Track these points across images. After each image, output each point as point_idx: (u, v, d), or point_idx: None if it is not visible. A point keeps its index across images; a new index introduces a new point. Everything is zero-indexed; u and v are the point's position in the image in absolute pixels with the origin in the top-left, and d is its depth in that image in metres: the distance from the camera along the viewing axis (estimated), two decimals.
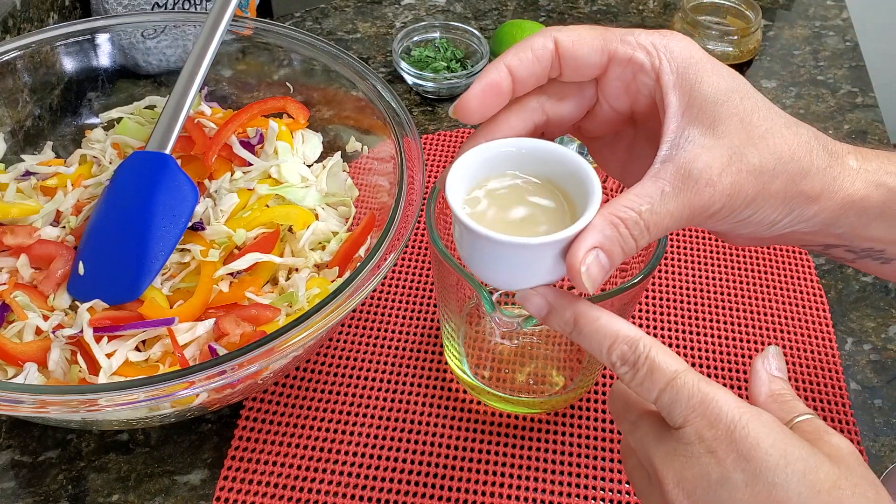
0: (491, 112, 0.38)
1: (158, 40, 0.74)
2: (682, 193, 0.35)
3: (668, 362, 0.34)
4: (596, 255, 0.34)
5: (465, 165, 0.37)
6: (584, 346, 0.36)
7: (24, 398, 0.41)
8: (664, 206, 0.35)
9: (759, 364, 0.40)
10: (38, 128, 0.66)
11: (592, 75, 0.38)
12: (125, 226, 0.54)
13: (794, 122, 0.38)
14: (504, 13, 0.92)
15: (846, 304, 0.63)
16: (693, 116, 0.36)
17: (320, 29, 0.88)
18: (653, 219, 0.35)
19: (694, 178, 0.35)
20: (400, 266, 0.64)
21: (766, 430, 0.33)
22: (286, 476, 0.51)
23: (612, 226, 0.34)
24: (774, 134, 0.36)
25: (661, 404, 0.34)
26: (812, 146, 0.37)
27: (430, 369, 0.57)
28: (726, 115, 0.36)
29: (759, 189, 0.36)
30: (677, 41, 0.37)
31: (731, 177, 0.35)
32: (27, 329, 0.51)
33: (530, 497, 0.50)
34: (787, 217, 0.38)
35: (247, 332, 0.51)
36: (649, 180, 0.35)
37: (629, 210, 0.34)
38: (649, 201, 0.35)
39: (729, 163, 0.35)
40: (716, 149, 0.35)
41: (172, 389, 0.41)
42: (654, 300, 0.62)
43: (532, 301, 0.37)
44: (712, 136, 0.35)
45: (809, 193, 0.37)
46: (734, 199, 0.36)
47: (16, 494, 0.50)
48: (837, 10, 0.94)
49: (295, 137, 0.64)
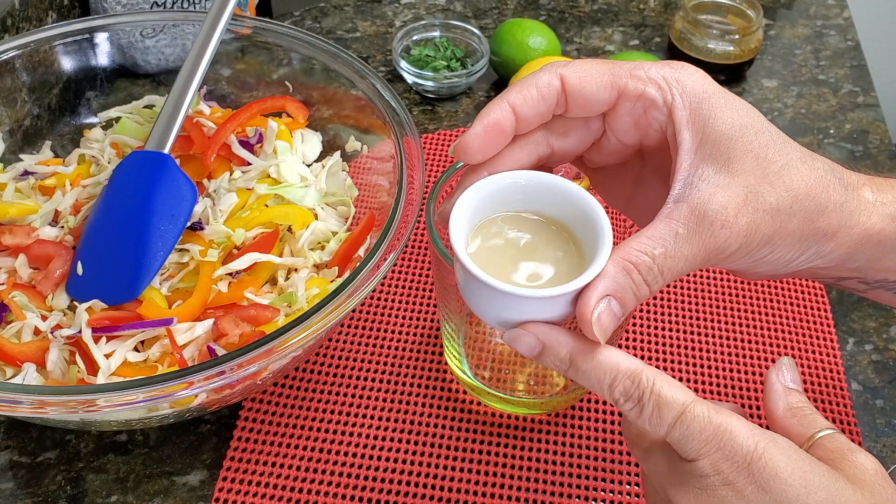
0: (493, 152, 0.37)
1: (157, 39, 0.74)
2: (697, 236, 0.34)
3: (674, 395, 0.33)
4: (608, 303, 0.33)
5: (469, 201, 0.36)
6: (584, 384, 0.35)
7: (22, 399, 0.41)
8: (679, 250, 0.34)
9: (774, 376, 0.38)
10: (37, 127, 0.65)
11: (600, 111, 0.37)
12: (124, 226, 0.54)
13: (810, 154, 0.37)
14: (504, 12, 0.92)
15: (847, 305, 0.63)
16: (707, 154, 0.35)
17: (320, 28, 0.88)
18: (667, 263, 0.33)
19: (709, 219, 0.34)
20: (400, 266, 0.64)
21: (785, 457, 0.32)
22: (285, 477, 0.51)
23: (625, 272, 0.33)
24: (791, 170, 0.35)
25: (672, 439, 0.33)
26: (829, 181, 0.36)
27: (430, 369, 0.57)
28: (741, 151, 0.34)
29: (775, 228, 0.35)
30: (689, 74, 0.36)
31: (747, 217, 0.34)
32: (25, 329, 0.51)
33: (530, 498, 0.50)
34: (803, 255, 0.37)
35: (246, 333, 0.51)
36: (662, 222, 0.34)
37: (642, 255, 0.33)
38: (663, 244, 0.33)
39: (745, 202, 0.34)
40: (731, 188, 0.34)
41: (171, 390, 0.41)
42: (654, 301, 0.62)
43: (522, 341, 0.34)
44: (727, 175, 0.34)
45: (826, 230, 0.36)
46: (751, 240, 0.35)
47: (14, 495, 0.50)
48: (839, 10, 0.94)
49: (294, 137, 0.64)
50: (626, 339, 0.59)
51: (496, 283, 0.33)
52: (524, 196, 0.37)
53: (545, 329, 0.34)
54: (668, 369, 0.57)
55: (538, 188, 0.36)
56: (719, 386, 0.56)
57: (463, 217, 0.35)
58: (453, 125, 0.77)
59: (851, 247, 0.37)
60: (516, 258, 0.36)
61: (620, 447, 0.53)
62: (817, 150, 0.76)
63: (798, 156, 0.36)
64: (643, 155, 0.40)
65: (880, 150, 0.76)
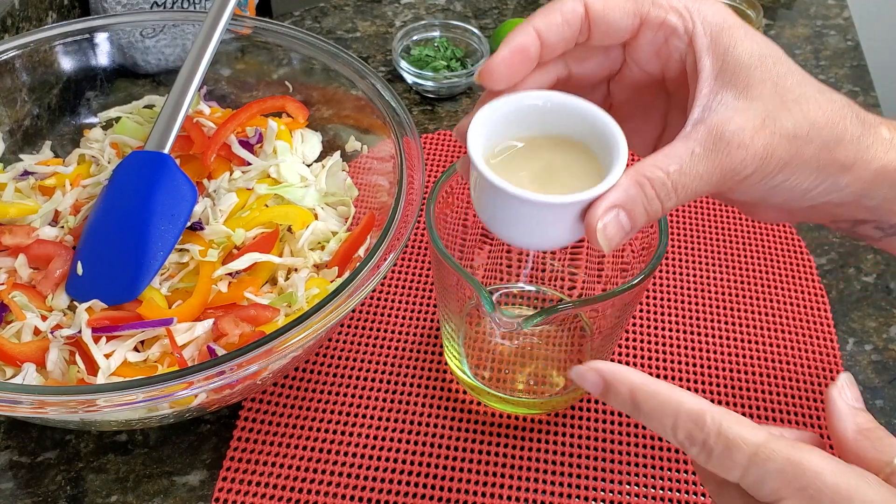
0: (518, 78, 0.36)
1: (157, 39, 0.74)
2: (714, 155, 0.34)
3: (744, 436, 0.31)
4: (616, 214, 0.33)
5: (488, 117, 0.36)
6: (648, 426, 0.33)
7: (22, 399, 0.41)
8: (694, 168, 0.34)
9: (836, 395, 0.36)
10: (37, 127, 0.65)
11: (622, 39, 0.37)
12: (124, 226, 0.54)
13: (827, 89, 0.37)
14: (504, 12, 0.92)
15: (847, 305, 0.63)
16: (726, 80, 0.35)
17: (320, 28, 0.88)
18: (681, 180, 0.34)
19: (726, 139, 0.34)
20: (400, 266, 0.64)
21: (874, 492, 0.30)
22: (285, 477, 0.51)
23: (638, 185, 0.33)
24: (808, 99, 0.36)
25: (746, 483, 0.31)
26: (845, 114, 0.37)
27: (430, 369, 0.57)
28: (760, 79, 0.35)
29: (792, 154, 0.35)
30: (710, 5, 0.36)
31: (764, 139, 0.34)
32: (25, 329, 0.51)
33: (530, 498, 0.50)
34: (820, 185, 0.37)
35: (246, 333, 0.51)
36: (679, 141, 0.34)
37: (657, 169, 0.33)
38: (678, 161, 0.34)
39: (763, 125, 0.34)
40: (749, 112, 0.34)
41: (171, 390, 0.41)
42: (655, 300, 0.62)
43: (587, 378, 0.34)
44: (746, 100, 0.35)
45: (843, 161, 0.36)
46: (767, 163, 0.35)
47: (14, 495, 0.50)
48: (839, 10, 0.94)
49: (294, 137, 0.64)
50: (626, 339, 0.59)
51: (512, 189, 0.33)
52: (545, 114, 0.37)
53: (608, 366, 0.33)
54: (669, 369, 0.57)
55: (557, 106, 0.37)
56: (719, 386, 0.56)
57: (483, 131, 0.35)
58: (453, 125, 0.77)
59: (868, 182, 0.37)
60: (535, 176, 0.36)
61: (620, 447, 0.53)
62: None
63: (816, 87, 0.36)
64: (668, 94, 0.40)
65: None
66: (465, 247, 0.57)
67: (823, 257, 0.66)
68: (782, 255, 0.66)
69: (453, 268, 0.46)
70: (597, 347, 0.52)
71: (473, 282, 0.44)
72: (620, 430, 0.54)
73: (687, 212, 0.69)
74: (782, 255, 0.66)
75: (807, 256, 0.66)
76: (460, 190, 0.53)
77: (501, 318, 0.44)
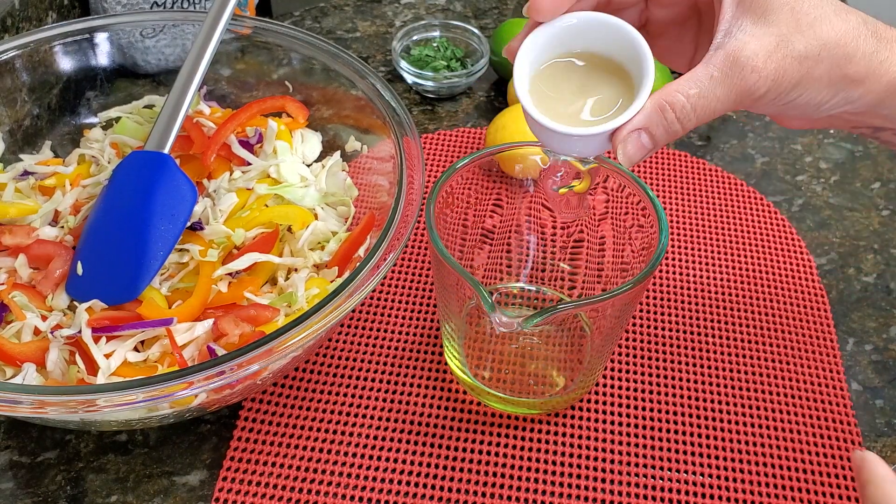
0: (563, 9, 0.40)
1: (157, 39, 0.74)
2: (729, 78, 0.38)
3: None
4: (638, 135, 0.38)
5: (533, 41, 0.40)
6: None
7: (22, 399, 0.41)
8: (712, 91, 0.38)
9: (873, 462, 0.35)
10: (37, 127, 0.65)
11: None
12: (124, 226, 0.54)
13: (845, 9, 0.40)
14: (504, 12, 0.92)
15: (847, 305, 0.63)
16: (746, 7, 0.38)
17: (320, 28, 0.88)
18: (700, 102, 0.38)
19: (741, 64, 0.38)
20: (400, 266, 0.64)
21: None
22: (285, 477, 0.51)
23: (660, 110, 0.38)
24: (823, 21, 0.39)
25: None
26: (859, 32, 0.39)
27: (430, 369, 0.57)
28: (778, 4, 0.38)
29: (803, 73, 0.38)
30: None
31: (775, 63, 0.38)
32: (25, 329, 0.51)
33: (530, 498, 0.50)
34: (833, 99, 0.40)
35: (246, 333, 0.51)
36: (701, 66, 0.38)
37: (678, 95, 0.38)
38: (698, 85, 0.38)
39: (776, 49, 0.38)
40: (764, 37, 0.38)
41: (171, 390, 0.41)
42: (655, 300, 0.62)
43: None
44: (763, 25, 0.38)
45: (854, 77, 0.39)
46: (779, 84, 0.38)
47: (14, 495, 0.50)
48: None
49: (294, 137, 0.64)
50: (626, 339, 0.59)
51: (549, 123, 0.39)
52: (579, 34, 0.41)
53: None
54: (669, 369, 0.57)
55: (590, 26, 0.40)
56: (719, 386, 0.56)
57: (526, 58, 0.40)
58: (453, 125, 0.77)
59: (881, 93, 0.40)
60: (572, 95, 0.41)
61: (620, 447, 0.53)
62: (817, 150, 0.77)
63: (833, 9, 0.39)
64: (700, 16, 0.44)
65: (880, 150, 0.76)
66: (465, 247, 0.57)
67: (823, 257, 0.66)
68: (782, 255, 0.66)
69: (453, 268, 0.46)
70: (597, 347, 0.52)
71: (473, 282, 0.44)
72: (620, 431, 0.54)
73: (687, 212, 0.69)
74: (782, 255, 0.66)
75: (807, 256, 0.66)
76: (460, 190, 0.53)
77: (501, 318, 0.44)
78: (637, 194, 0.51)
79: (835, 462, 0.52)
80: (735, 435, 0.54)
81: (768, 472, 0.52)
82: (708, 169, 0.73)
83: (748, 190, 0.71)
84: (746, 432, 0.54)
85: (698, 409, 0.55)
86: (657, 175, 0.72)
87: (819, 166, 0.75)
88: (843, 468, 0.52)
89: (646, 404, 0.55)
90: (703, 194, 0.71)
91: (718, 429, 0.54)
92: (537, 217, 0.59)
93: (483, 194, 0.56)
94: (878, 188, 0.73)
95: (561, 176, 0.49)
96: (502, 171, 0.56)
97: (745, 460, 0.52)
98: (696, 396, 0.56)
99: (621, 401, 0.55)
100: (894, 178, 0.73)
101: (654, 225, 0.49)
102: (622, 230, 0.53)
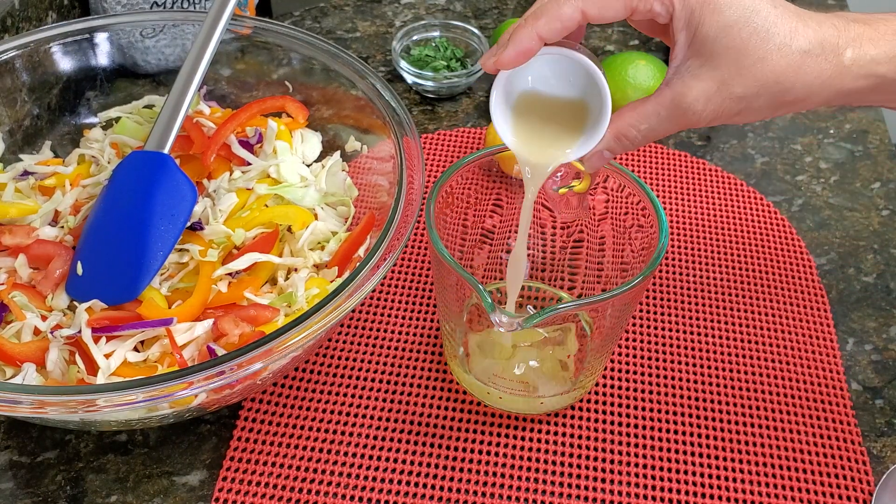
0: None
1: (157, 39, 0.74)
2: (674, 117, 0.43)
3: None
4: (601, 153, 0.45)
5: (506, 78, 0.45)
6: None
7: (22, 399, 0.41)
8: (659, 125, 0.44)
9: None
10: (37, 127, 0.65)
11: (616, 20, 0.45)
12: (123, 226, 0.54)
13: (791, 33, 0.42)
14: (504, 12, 0.92)
15: (847, 305, 0.63)
16: (695, 50, 0.43)
17: (319, 28, 0.88)
18: (650, 134, 0.44)
19: (683, 108, 0.43)
20: (400, 266, 0.64)
21: None
22: (285, 477, 0.51)
23: (617, 139, 0.44)
24: (765, 61, 0.42)
25: None
26: (800, 63, 0.42)
27: (430, 369, 0.57)
28: (723, 48, 0.42)
29: (742, 107, 0.43)
30: None
31: (714, 105, 0.43)
32: (25, 329, 0.51)
33: (530, 498, 0.50)
34: (774, 115, 0.45)
35: (245, 333, 0.51)
36: (652, 102, 0.44)
37: (631, 129, 0.44)
38: (647, 122, 0.44)
39: (716, 93, 0.42)
40: (708, 80, 0.42)
41: (171, 390, 0.41)
42: (655, 300, 0.62)
43: None
44: (708, 68, 0.42)
45: (793, 102, 0.43)
46: (719, 118, 0.44)
47: (14, 495, 0.50)
48: (838, 9, 0.94)
49: (294, 137, 0.64)
50: (626, 339, 0.59)
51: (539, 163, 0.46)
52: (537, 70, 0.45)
53: None
54: (669, 369, 0.57)
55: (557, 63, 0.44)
56: (719, 386, 0.56)
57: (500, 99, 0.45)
58: (453, 125, 0.77)
59: (822, 103, 0.44)
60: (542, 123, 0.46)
61: (620, 447, 0.53)
62: (817, 151, 0.77)
63: (776, 45, 0.42)
64: None
65: (880, 150, 0.76)
66: (465, 247, 0.57)
67: (823, 257, 0.66)
68: (782, 255, 0.66)
69: (453, 268, 0.46)
70: (597, 347, 0.52)
71: (473, 281, 0.44)
72: (620, 431, 0.54)
73: (687, 211, 0.69)
74: (782, 255, 0.66)
75: (807, 256, 0.66)
76: (460, 190, 0.53)
77: (501, 318, 0.44)
78: (637, 194, 0.51)
79: (835, 462, 0.52)
80: (735, 435, 0.54)
81: (768, 472, 0.52)
82: (708, 169, 0.73)
83: (748, 190, 0.71)
84: (746, 432, 0.54)
85: (698, 409, 0.55)
86: (657, 175, 0.72)
87: (819, 166, 0.75)
88: (843, 468, 0.52)
89: (646, 404, 0.55)
90: (703, 194, 0.71)
91: (718, 429, 0.54)
92: (537, 217, 0.59)
93: (483, 194, 0.56)
94: (878, 188, 0.73)
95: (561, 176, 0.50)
96: (502, 171, 0.56)
97: (745, 460, 0.52)
98: (696, 396, 0.56)
99: (621, 401, 0.55)
100: (894, 178, 0.73)
101: (654, 225, 0.49)
102: (622, 230, 0.53)
